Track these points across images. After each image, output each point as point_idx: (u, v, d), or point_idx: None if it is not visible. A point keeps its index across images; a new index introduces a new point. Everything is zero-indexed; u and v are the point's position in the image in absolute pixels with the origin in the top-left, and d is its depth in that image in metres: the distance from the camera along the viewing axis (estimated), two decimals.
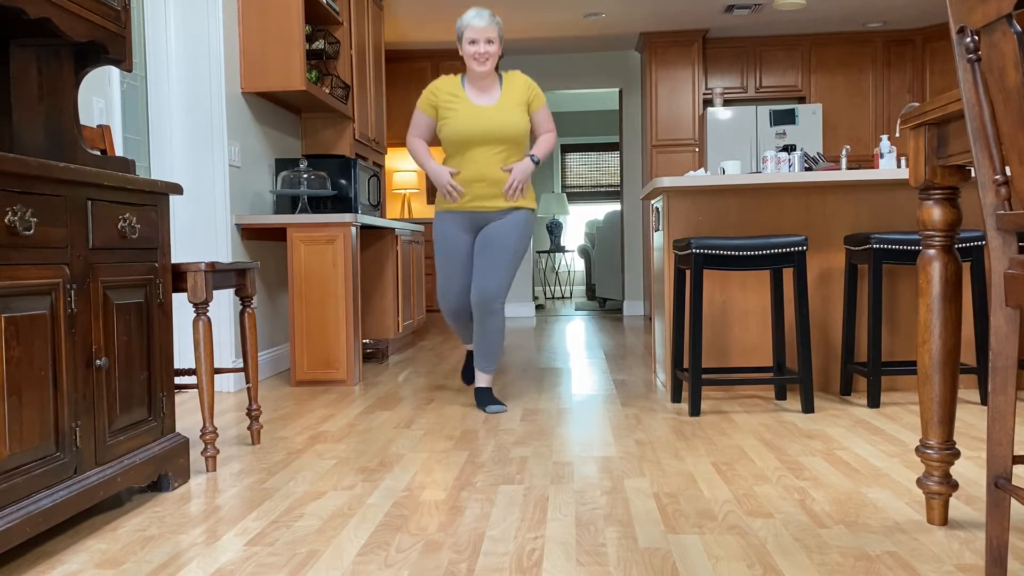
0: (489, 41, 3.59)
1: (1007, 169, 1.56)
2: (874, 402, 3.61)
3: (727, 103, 8.34)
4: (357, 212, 5.00)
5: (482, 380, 3.79)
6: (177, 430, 3.21)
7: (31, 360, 1.92)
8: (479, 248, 3.69)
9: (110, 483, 2.21)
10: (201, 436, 2.77)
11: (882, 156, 4.75)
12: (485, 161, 3.61)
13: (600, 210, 13.33)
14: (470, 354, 4.15)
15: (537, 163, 3.68)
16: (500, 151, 3.62)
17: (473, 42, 3.59)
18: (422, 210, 9.14)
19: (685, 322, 4.03)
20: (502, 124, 3.59)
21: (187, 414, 3.79)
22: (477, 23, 3.57)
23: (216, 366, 3.73)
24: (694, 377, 3.50)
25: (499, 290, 3.64)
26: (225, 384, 4.46)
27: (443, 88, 3.70)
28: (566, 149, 13.15)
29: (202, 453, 2.78)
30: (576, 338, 6.79)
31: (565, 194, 12.29)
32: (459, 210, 3.70)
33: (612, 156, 13.14)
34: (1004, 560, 1.64)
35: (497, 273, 3.64)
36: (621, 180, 9.02)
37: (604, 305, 10.24)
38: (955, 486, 2.08)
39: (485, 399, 3.75)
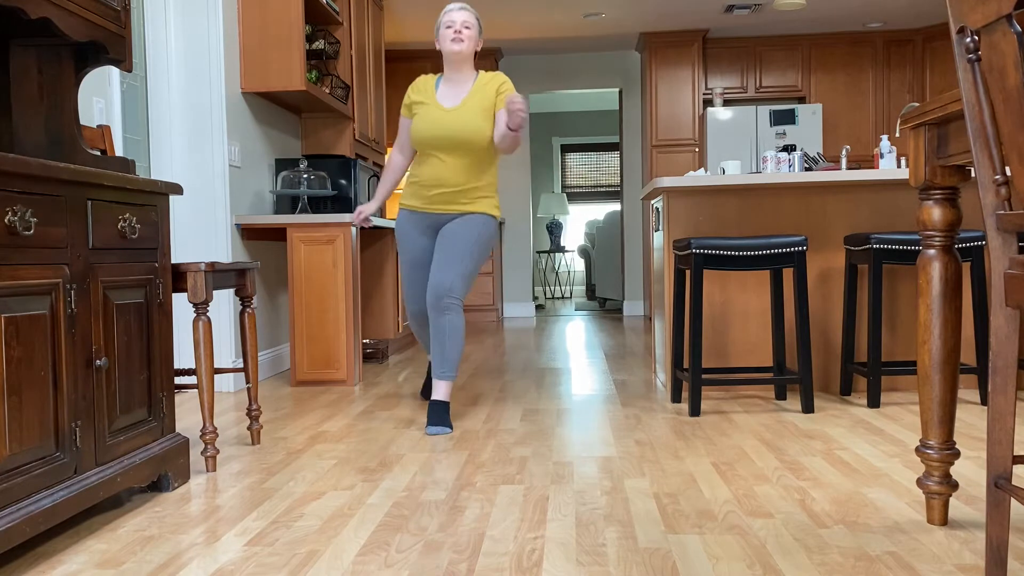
0: (466, 26, 3.47)
1: (1007, 169, 1.56)
2: (874, 402, 3.61)
3: (727, 103, 8.34)
4: None
5: (440, 391, 3.37)
6: (177, 430, 3.21)
7: (31, 360, 1.92)
8: (436, 246, 3.49)
9: (110, 483, 2.21)
10: (201, 436, 2.77)
11: (882, 156, 4.76)
12: (443, 166, 3.44)
13: (600, 210, 13.33)
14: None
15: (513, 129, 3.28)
16: (458, 157, 3.44)
17: (449, 26, 3.47)
18: None
19: (685, 322, 4.03)
20: (459, 129, 3.39)
21: (187, 414, 3.79)
22: (452, 6, 3.50)
23: (216, 366, 3.72)
24: (694, 377, 3.50)
25: (454, 283, 3.35)
26: (225, 384, 4.46)
27: (416, 88, 3.58)
28: (566, 149, 13.15)
29: (202, 453, 2.78)
30: (576, 338, 6.79)
31: (565, 194, 12.29)
32: (417, 210, 3.55)
33: (612, 156, 13.14)
34: (1004, 560, 1.64)
35: (452, 266, 3.37)
36: (621, 180, 9.02)
37: (604, 305, 10.24)
38: (955, 486, 2.08)
39: (435, 415, 3.31)
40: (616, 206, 13.00)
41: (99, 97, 3.53)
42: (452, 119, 3.42)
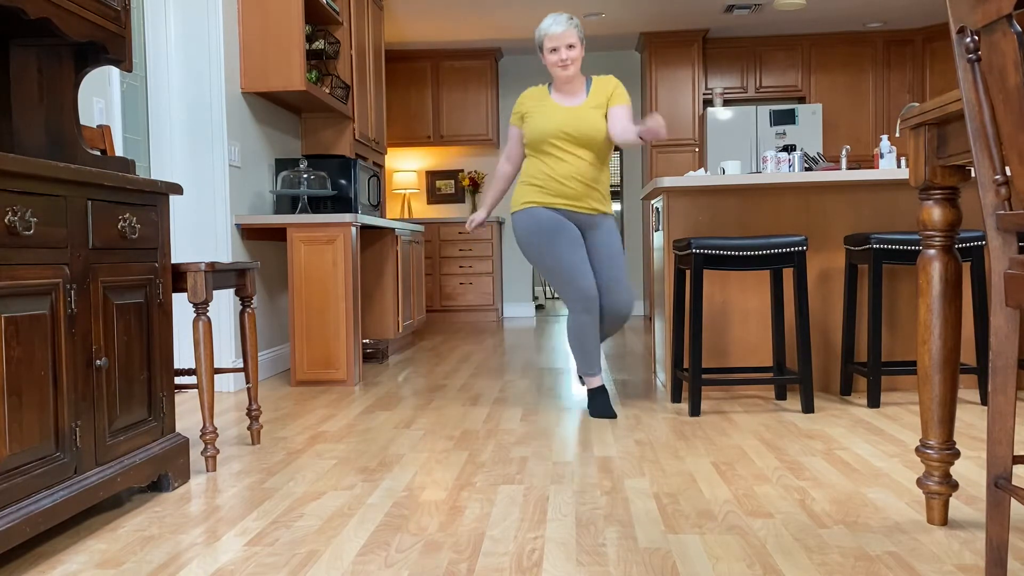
0: (570, 46, 3.47)
1: (1007, 169, 1.56)
2: (874, 402, 3.61)
3: (727, 103, 8.34)
4: (357, 212, 5.00)
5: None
6: (177, 430, 3.21)
7: (31, 360, 1.92)
8: (597, 260, 3.59)
9: (110, 483, 2.21)
10: (201, 436, 2.77)
11: (882, 156, 4.76)
12: (571, 160, 3.49)
13: None
14: (591, 392, 3.65)
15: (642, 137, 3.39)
16: (582, 150, 3.48)
17: (554, 50, 3.48)
18: (422, 210, 9.14)
19: (685, 322, 4.02)
20: (580, 124, 3.45)
21: (187, 414, 3.79)
22: (555, 30, 3.46)
23: (216, 366, 3.72)
24: (694, 377, 3.50)
25: (632, 301, 3.64)
26: (225, 384, 4.46)
27: (529, 96, 3.66)
28: None
29: (202, 453, 2.78)
30: None
31: None
32: (551, 207, 3.52)
33: (612, 156, 13.15)
34: (1004, 560, 1.64)
35: (625, 287, 3.59)
36: (621, 180, 9.02)
37: None
38: (955, 486, 2.08)
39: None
40: (616, 206, 13.00)
41: (99, 97, 3.53)
42: (573, 116, 3.48)
